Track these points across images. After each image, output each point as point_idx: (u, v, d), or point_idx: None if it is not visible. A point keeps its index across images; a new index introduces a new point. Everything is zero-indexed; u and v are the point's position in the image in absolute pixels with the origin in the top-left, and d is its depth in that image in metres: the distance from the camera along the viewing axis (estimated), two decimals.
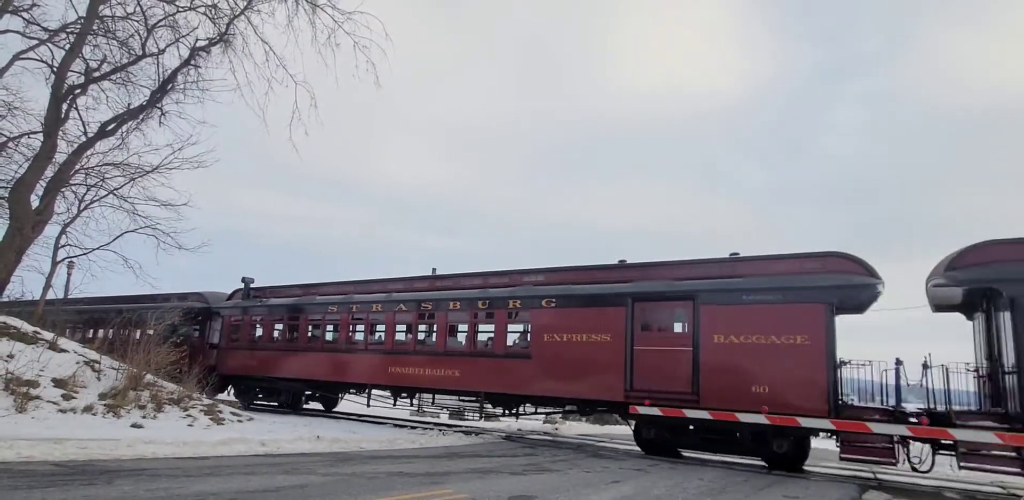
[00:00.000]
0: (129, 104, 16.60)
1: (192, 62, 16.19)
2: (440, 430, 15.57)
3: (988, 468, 9.72)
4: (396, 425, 16.69)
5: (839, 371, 11.12)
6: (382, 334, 17.24)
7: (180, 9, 15.83)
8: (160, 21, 15.98)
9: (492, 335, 15.34)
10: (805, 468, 11.47)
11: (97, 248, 20.40)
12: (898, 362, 10.83)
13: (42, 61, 15.87)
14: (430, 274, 17.47)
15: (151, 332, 14.81)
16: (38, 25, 15.45)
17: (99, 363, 12.74)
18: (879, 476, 11.00)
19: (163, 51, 16.22)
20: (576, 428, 20.10)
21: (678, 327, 12.77)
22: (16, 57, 15.55)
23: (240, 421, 13.10)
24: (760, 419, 11.16)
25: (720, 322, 11.99)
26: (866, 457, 10.55)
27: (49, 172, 16.02)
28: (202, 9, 15.78)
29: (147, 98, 16.41)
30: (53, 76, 15.31)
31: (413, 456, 10.22)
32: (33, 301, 19.95)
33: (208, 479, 6.68)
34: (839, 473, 11.43)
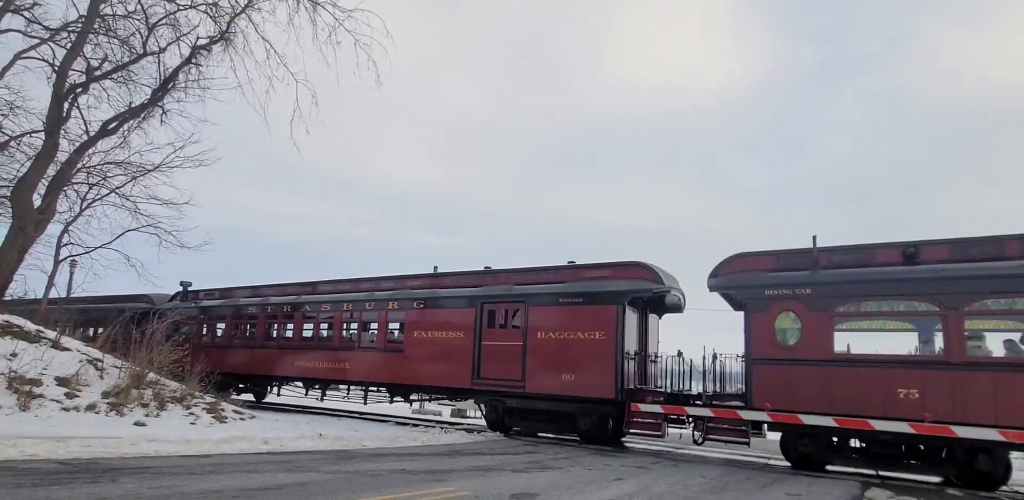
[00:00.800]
0: (130, 103, 16.65)
1: (193, 60, 16.20)
2: (442, 428, 15.60)
3: (724, 439, 11.94)
4: (398, 423, 16.73)
5: (626, 362, 13.25)
6: (291, 332, 19.12)
7: (181, 7, 15.84)
8: (161, 19, 15.99)
9: (377, 332, 17.45)
10: (623, 442, 14.24)
11: (99, 247, 20.49)
12: (679, 354, 13.59)
13: (43, 60, 15.91)
14: (330, 279, 19.04)
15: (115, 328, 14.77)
16: (39, 24, 15.48)
17: (102, 361, 12.76)
18: (881, 473, 11.00)
19: (164, 49, 16.25)
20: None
21: (515, 324, 14.76)
22: (18, 56, 15.58)
23: (243, 419, 13.13)
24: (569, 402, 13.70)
25: (543, 321, 14.20)
26: (643, 431, 12.87)
27: (51, 171, 16.05)
28: (203, 7, 15.80)
29: (148, 97, 16.45)
30: (54, 75, 15.33)
31: (415, 454, 10.24)
32: (36, 300, 20.01)
33: (211, 477, 6.70)
34: (647, 448, 13.91)
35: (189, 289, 22.24)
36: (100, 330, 20.17)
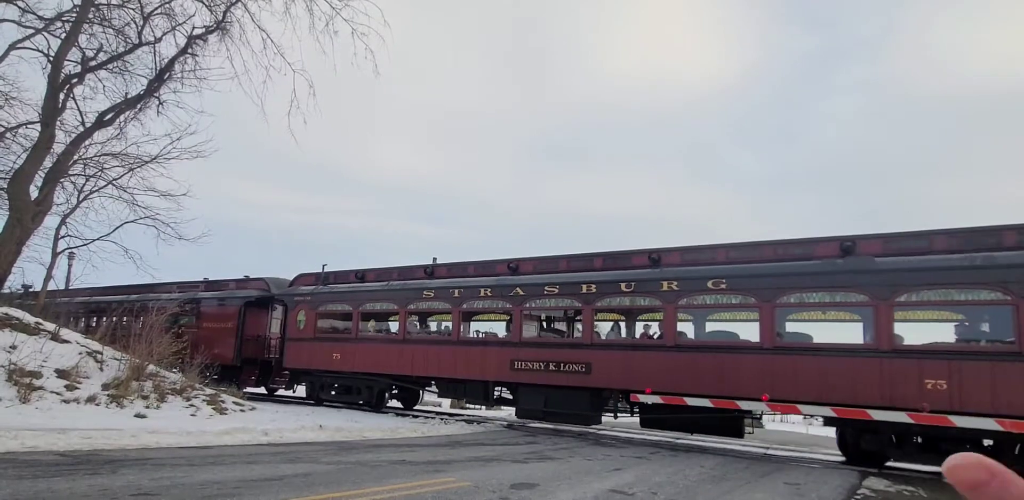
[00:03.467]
0: (126, 93, 16.52)
1: (189, 50, 16.05)
2: (442, 419, 15.66)
3: None
4: (398, 414, 16.79)
5: (243, 343, 19.47)
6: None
7: None
8: (156, 9, 15.82)
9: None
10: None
11: (97, 239, 20.36)
12: None
13: (38, 50, 15.76)
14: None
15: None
16: (33, 14, 15.31)
17: (101, 354, 12.77)
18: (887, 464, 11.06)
19: (159, 39, 16.09)
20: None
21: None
22: (12, 46, 15.42)
23: (243, 411, 13.16)
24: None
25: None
26: None
27: (48, 162, 15.95)
28: None
29: (144, 87, 16.31)
30: (50, 65, 15.19)
31: (415, 445, 10.28)
32: (34, 291, 19.98)
33: (212, 468, 6.72)
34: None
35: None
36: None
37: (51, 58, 15.24)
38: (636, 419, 13.22)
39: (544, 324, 15.80)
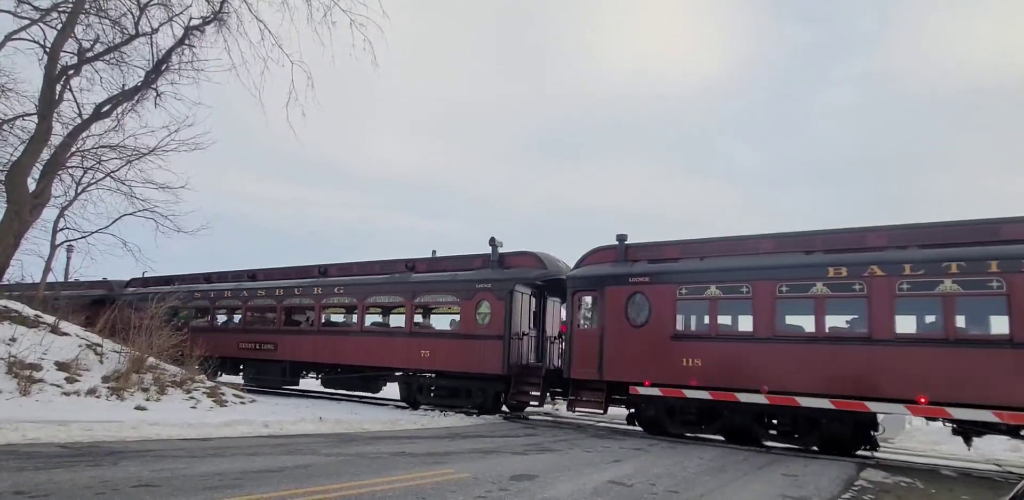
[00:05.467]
0: (123, 85, 16.39)
1: (186, 41, 15.93)
2: (441, 411, 15.70)
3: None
4: (398, 406, 16.84)
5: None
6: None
7: None
8: None
9: None
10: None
11: (96, 231, 20.30)
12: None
13: (34, 41, 15.62)
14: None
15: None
16: (29, 4, 15.17)
17: (101, 346, 12.78)
18: (876, 455, 11.13)
19: (156, 30, 15.96)
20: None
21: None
22: (8, 38, 15.30)
23: (243, 403, 13.21)
24: None
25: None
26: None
27: (45, 155, 15.86)
28: None
29: (141, 79, 16.20)
30: (46, 57, 15.07)
31: (415, 437, 10.32)
32: (33, 284, 19.95)
33: (213, 460, 6.74)
34: None
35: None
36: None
37: (47, 49, 15.12)
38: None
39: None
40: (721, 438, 11.89)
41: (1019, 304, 9.45)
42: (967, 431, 9.99)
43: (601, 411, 13.24)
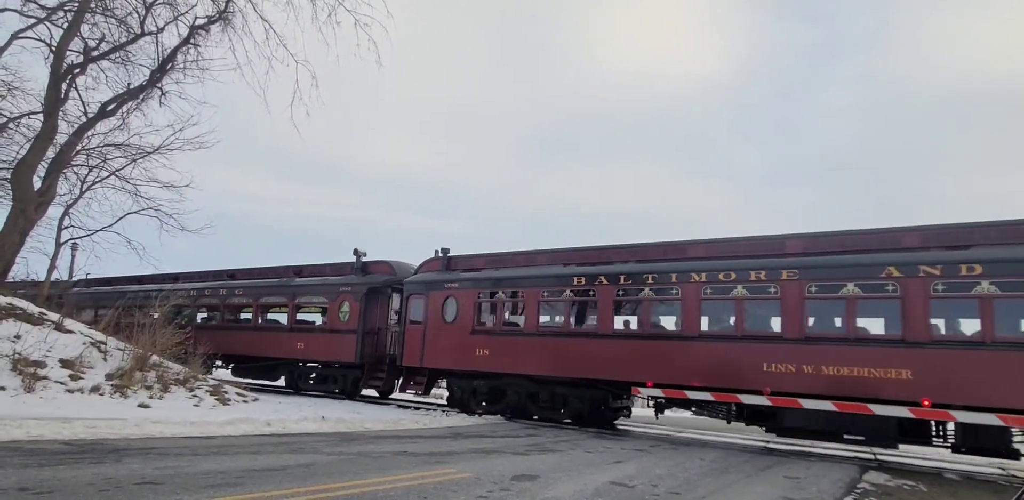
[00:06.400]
0: (129, 84, 16.48)
1: (191, 41, 16.00)
2: (444, 411, 15.72)
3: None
4: (400, 406, 16.86)
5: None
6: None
7: None
8: None
9: None
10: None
11: (100, 229, 20.43)
12: None
13: (40, 40, 15.71)
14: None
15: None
16: (36, 3, 15.25)
17: (105, 344, 12.82)
18: (879, 457, 11.10)
19: (162, 29, 16.04)
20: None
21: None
22: (14, 36, 15.37)
23: (246, 402, 13.23)
24: None
25: None
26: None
27: (50, 153, 15.94)
28: None
29: (147, 78, 16.28)
30: (52, 55, 15.16)
31: (417, 436, 10.33)
32: (37, 282, 20.04)
33: (216, 458, 6.76)
34: None
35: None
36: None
37: (53, 48, 15.20)
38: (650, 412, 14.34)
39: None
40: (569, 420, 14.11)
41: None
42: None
43: (424, 393, 16.59)
